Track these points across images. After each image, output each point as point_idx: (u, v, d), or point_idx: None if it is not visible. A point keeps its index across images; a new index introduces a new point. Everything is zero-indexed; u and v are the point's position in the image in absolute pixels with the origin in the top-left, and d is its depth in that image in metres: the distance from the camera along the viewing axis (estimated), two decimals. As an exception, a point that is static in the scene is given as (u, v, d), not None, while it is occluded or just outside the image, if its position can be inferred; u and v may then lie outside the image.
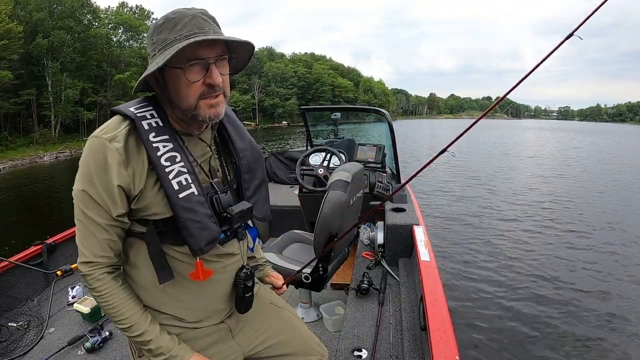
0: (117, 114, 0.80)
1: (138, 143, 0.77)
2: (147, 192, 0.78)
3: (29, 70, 25.98)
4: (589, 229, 6.44)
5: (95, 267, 0.80)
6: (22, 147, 24.72)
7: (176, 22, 0.75)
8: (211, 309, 0.92)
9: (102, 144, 0.74)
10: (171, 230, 0.81)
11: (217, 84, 0.77)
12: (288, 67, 62.22)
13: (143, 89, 0.83)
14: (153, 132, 0.78)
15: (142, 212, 0.80)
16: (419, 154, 17.91)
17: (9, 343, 1.82)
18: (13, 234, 7.71)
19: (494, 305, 3.90)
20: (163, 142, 0.78)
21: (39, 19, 26.19)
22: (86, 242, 0.79)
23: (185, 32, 0.74)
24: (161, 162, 0.77)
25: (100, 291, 0.81)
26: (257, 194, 0.96)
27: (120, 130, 0.76)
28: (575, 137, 33.71)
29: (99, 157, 0.74)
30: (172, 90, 0.78)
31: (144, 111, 0.79)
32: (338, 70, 76.50)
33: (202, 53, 0.75)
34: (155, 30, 0.77)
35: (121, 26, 35.00)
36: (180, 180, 0.78)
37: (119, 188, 0.75)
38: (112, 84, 31.32)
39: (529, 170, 13.45)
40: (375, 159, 3.10)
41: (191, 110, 0.78)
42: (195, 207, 0.79)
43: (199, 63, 0.75)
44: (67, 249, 2.48)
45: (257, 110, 55.17)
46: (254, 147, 0.98)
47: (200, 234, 0.79)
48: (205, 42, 0.74)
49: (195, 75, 0.75)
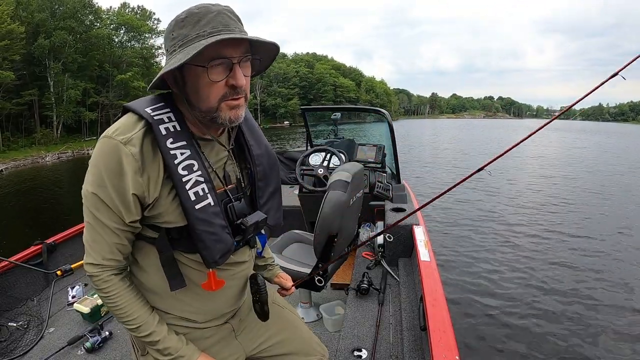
0: (130, 112, 0.75)
1: (154, 148, 0.73)
2: (161, 200, 0.75)
3: (30, 70, 26.00)
4: (592, 231, 6.42)
5: (103, 269, 0.78)
6: (24, 147, 24.78)
7: (200, 17, 0.70)
8: (218, 312, 0.92)
9: (116, 146, 0.69)
10: (184, 238, 0.79)
11: (240, 85, 0.73)
12: (290, 67, 62.14)
13: (158, 86, 0.78)
14: (171, 137, 0.73)
15: (155, 220, 0.77)
16: (421, 155, 17.89)
17: (9, 343, 1.83)
18: (14, 234, 7.72)
19: (494, 305, 3.89)
20: (181, 149, 0.74)
21: (41, 20, 26.20)
22: (95, 244, 0.77)
23: (209, 29, 0.69)
24: (178, 170, 0.73)
25: (107, 292, 0.79)
26: (271, 202, 0.93)
27: (135, 133, 0.71)
28: (578, 137, 33.44)
29: (113, 160, 0.70)
30: (191, 89, 0.74)
31: (161, 113, 0.75)
32: (340, 70, 76.32)
33: (226, 52, 0.70)
34: (177, 24, 0.72)
35: (123, 27, 34.90)
36: (197, 191, 0.75)
37: (134, 196, 0.71)
38: (114, 85, 31.31)
39: (533, 170, 13.36)
40: (375, 159, 3.10)
41: (212, 112, 0.74)
42: (211, 218, 0.77)
43: (223, 62, 0.71)
44: (67, 249, 2.48)
45: (259, 110, 55.20)
46: (270, 153, 0.94)
47: (215, 246, 0.77)
48: (229, 41, 0.70)
49: (218, 75, 0.71)
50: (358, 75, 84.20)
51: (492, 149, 20.45)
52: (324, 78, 65.27)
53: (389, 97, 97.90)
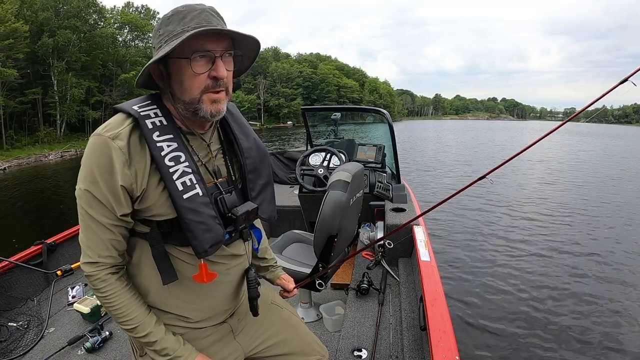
0: (119, 112, 0.79)
1: (141, 141, 0.76)
2: (150, 193, 0.77)
3: (34, 69, 26.07)
4: (595, 231, 6.43)
5: (99, 267, 0.79)
6: (27, 145, 24.83)
7: (185, 14, 0.75)
8: (215, 310, 0.92)
9: (104, 142, 0.73)
10: (175, 231, 0.80)
11: (222, 76, 0.76)
12: (293, 67, 62.24)
13: (145, 84, 0.82)
14: (157, 131, 0.77)
15: (145, 213, 0.79)
16: (422, 158, 17.79)
17: (9, 343, 1.83)
18: (15, 232, 7.74)
19: (494, 305, 3.89)
20: (167, 142, 0.77)
21: (45, 19, 26.25)
22: (90, 242, 0.78)
23: (193, 24, 0.74)
24: (165, 162, 0.76)
25: (104, 292, 0.80)
26: (263, 194, 0.95)
27: (123, 128, 0.75)
28: (583, 140, 32.84)
29: (103, 156, 0.72)
30: (176, 82, 0.77)
31: (147, 109, 0.79)
32: (343, 70, 76.36)
33: (208, 46, 0.75)
34: (164, 22, 0.77)
35: (127, 26, 35.04)
36: (184, 181, 0.77)
37: (122, 188, 0.74)
38: (118, 84, 31.41)
39: (538, 174, 13.20)
40: (375, 159, 3.10)
41: (194, 103, 0.77)
42: (199, 208, 0.78)
43: (206, 55, 0.75)
44: (67, 249, 2.49)
45: (263, 110, 55.19)
46: (260, 146, 0.96)
47: (205, 235, 0.78)
48: (212, 36, 0.74)
49: (201, 67, 0.75)
50: (362, 76, 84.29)
51: (498, 153, 19.73)
52: (327, 78, 65.28)
53: (393, 97, 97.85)
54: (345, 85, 68.70)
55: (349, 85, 69.77)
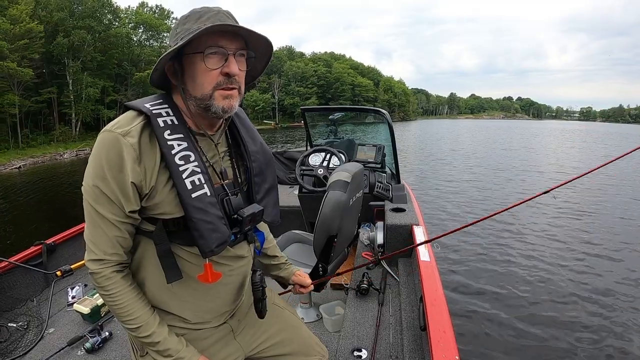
0: (130, 109, 0.80)
1: (152, 139, 0.77)
2: (158, 190, 0.77)
3: (49, 69, 26.27)
4: (596, 232, 6.43)
5: (105, 265, 0.78)
6: (42, 144, 24.94)
7: (201, 14, 0.78)
8: (216, 311, 0.92)
9: (115, 138, 0.73)
10: (181, 230, 0.80)
11: (234, 73, 0.78)
12: (308, 66, 61.82)
13: (158, 83, 0.84)
14: (168, 129, 0.78)
15: (152, 211, 0.79)
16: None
17: (9, 343, 1.82)
18: (26, 229, 7.75)
19: (494, 305, 3.89)
20: (178, 141, 0.78)
21: (60, 19, 26.32)
22: (96, 239, 0.78)
23: (209, 23, 0.76)
24: (175, 160, 0.76)
25: (109, 290, 0.79)
26: (267, 198, 0.95)
27: (134, 125, 0.75)
28: (599, 140, 30.05)
29: (113, 152, 0.73)
30: (189, 77, 0.79)
31: (159, 108, 0.79)
32: (358, 69, 75.77)
33: (222, 43, 0.77)
34: (181, 21, 0.80)
35: (141, 26, 35.07)
36: (193, 180, 0.77)
37: (132, 185, 0.74)
38: (133, 83, 31.51)
39: (549, 171, 12.93)
40: (375, 159, 3.10)
41: (206, 99, 0.78)
42: (207, 207, 0.79)
43: (219, 52, 0.77)
44: (67, 249, 2.48)
45: (277, 109, 54.98)
46: (265, 150, 0.98)
47: (211, 235, 0.79)
48: (226, 34, 0.77)
49: (214, 63, 0.77)
50: (376, 75, 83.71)
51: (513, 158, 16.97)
52: (342, 77, 64.84)
53: (408, 96, 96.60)
54: (360, 84, 68.11)
55: (363, 84, 69.12)
